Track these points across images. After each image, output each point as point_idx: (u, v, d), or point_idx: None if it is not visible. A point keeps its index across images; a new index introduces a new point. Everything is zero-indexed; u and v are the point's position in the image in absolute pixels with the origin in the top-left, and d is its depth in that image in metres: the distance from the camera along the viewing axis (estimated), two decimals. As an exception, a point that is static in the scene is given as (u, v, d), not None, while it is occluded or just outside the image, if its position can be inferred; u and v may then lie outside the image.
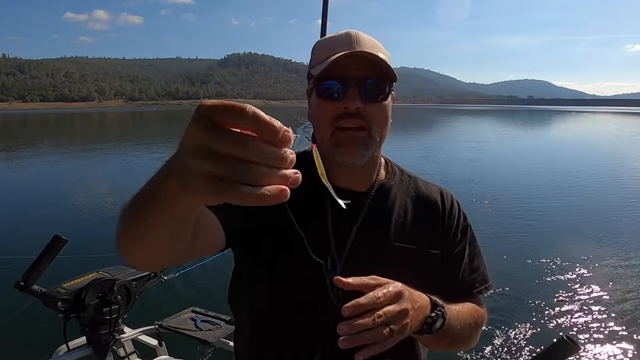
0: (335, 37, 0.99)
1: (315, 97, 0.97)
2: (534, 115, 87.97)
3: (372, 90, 0.93)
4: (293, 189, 0.53)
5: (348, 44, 0.94)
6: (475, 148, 21.60)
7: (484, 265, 1.12)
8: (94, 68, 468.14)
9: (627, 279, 5.74)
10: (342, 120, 0.93)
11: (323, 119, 0.96)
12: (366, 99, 0.92)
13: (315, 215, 1.02)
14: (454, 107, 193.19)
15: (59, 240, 1.92)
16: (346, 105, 0.91)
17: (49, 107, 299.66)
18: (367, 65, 0.92)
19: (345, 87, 0.92)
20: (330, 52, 0.92)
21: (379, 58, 0.91)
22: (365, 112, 0.92)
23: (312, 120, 1.02)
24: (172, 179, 0.50)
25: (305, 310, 0.99)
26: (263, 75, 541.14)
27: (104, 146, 25.76)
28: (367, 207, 1.03)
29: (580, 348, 0.95)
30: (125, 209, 0.68)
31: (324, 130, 0.96)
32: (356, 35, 0.96)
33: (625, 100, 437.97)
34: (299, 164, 1.13)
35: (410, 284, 0.96)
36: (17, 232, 7.60)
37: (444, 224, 1.08)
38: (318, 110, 0.97)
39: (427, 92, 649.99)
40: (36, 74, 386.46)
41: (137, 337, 2.16)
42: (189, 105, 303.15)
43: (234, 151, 0.41)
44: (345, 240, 1.00)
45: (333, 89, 0.93)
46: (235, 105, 0.41)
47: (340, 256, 0.99)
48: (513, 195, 10.70)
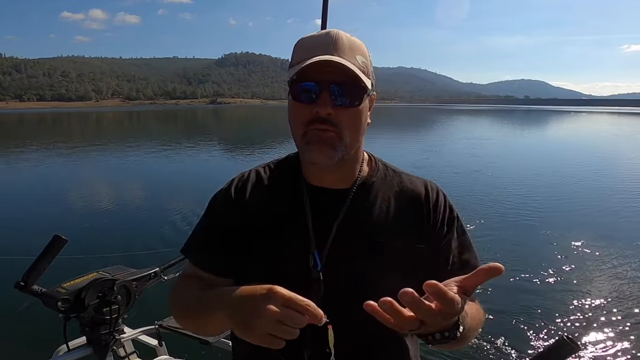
0: (314, 38, 0.97)
1: (290, 98, 0.98)
2: (531, 115, 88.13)
3: (344, 95, 0.92)
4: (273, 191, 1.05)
5: (325, 46, 0.92)
6: (476, 145, 21.65)
7: (475, 258, 1.08)
8: (91, 67, 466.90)
9: (627, 278, 5.76)
10: (314, 125, 0.93)
11: (296, 121, 0.97)
12: (339, 103, 0.92)
13: (296, 214, 1.03)
14: (452, 107, 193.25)
15: (59, 240, 1.91)
16: (317, 110, 0.92)
17: (46, 106, 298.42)
18: (341, 70, 0.90)
19: (318, 91, 0.92)
20: (306, 55, 0.92)
21: (348, 68, 0.90)
22: (336, 118, 0.92)
23: (290, 126, 1.01)
24: (231, 320, 0.81)
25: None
26: (260, 75, 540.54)
27: (104, 146, 25.72)
28: (349, 203, 1.03)
29: (580, 348, 0.95)
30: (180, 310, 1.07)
31: (297, 132, 0.97)
32: (336, 36, 0.94)
33: (622, 100, 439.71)
34: (280, 167, 1.16)
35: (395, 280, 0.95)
36: (17, 232, 7.58)
37: (429, 218, 1.05)
38: (292, 112, 0.98)
39: (424, 92, 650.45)
40: (33, 73, 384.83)
41: (137, 337, 2.15)
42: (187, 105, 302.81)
43: (294, 325, 0.71)
44: (326, 237, 1.00)
45: (305, 92, 0.93)
46: (302, 300, 0.72)
47: (322, 253, 0.98)
48: (513, 194, 10.72)
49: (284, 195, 1.06)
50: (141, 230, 7.87)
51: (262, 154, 20.31)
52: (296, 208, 1.03)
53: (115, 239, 7.14)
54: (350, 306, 0.97)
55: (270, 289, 0.74)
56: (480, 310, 1.04)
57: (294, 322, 0.70)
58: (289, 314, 0.71)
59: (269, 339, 0.72)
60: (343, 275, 0.98)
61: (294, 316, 0.70)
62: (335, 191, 1.04)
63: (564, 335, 0.93)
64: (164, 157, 19.23)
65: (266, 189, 1.08)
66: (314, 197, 1.03)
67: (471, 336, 0.94)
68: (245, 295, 0.78)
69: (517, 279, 5.61)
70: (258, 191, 1.08)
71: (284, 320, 0.70)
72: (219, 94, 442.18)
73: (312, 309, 0.71)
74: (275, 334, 0.71)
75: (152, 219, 8.54)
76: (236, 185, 1.10)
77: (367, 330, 0.98)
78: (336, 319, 0.98)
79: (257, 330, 0.72)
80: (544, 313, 4.80)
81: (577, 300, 5.11)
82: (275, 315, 0.71)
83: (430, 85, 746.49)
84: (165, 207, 9.29)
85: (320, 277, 0.96)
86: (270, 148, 23.26)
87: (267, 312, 0.71)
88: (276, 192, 1.08)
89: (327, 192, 1.04)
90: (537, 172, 14.28)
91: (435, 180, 1.14)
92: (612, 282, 5.63)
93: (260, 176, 1.11)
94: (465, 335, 0.85)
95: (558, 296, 5.22)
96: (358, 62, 0.93)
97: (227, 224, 1.06)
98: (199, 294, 0.97)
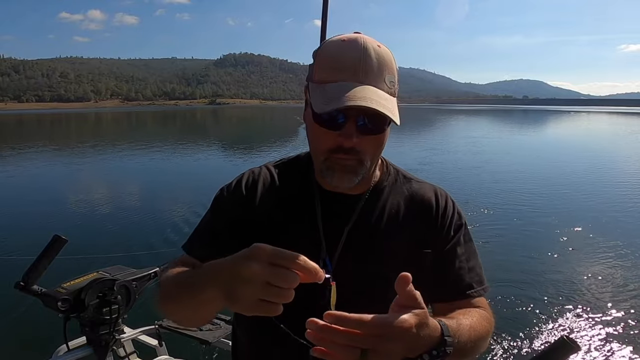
0: (342, 51, 0.90)
1: (311, 118, 0.94)
2: (529, 115, 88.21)
3: (370, 126, 0.90)
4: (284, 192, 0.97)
5: (354, 70, 0.88)
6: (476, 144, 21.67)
7: (480, 267, 1.08)
8: (90, 68, 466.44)
9: (627, 278, 5.76)
10: (337, 154, 0.91)
11: (318, 145, 0.95)
12: (364, 131, 0.90)
13: (307, 217, 1.02)
14: (450, 107, 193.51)
15: (59, 240, 1.91)
16: (341, 142, 0.89)
17: (45, 107, 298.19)
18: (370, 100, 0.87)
19: (344, 119, 0.89)
20: (334, 75, 0.88)
21: (377, 110, 0.85)
22: (360, 146, 0.90)
23: (308, 138, 0.99)
24: (220, 292, 0.69)
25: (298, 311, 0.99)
26: (259, 75, 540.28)
27: (103, 146, 25.70)
28: (360, 208, 1.03)
29: (580, 348, 0.95)
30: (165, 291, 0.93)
31: (318, 155, 0.96)
32: (364, 53, 0.88)
33: (620, 100, 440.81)
34: (291, 168, 1.13)
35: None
36: (17, 232, 7.58)
37: (437, 224, 1.05)
38: (313, 135, 0.96)
39: (423, 92, 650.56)
40: (31, 74, 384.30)
41: (137, 337, 2.16)
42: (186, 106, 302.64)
43: (284, 284, 0.62)
44: (337, 242, 1.00)
45: (331, 118, 0.90)
46: (289, 254, 0.64)
47: (332, 258, 0.98)
48: (513, 193, 10.73)
49: (295, 197, 1.06)
50: (141, 230, 7.86)
51: (261, 153, 20.32)
52: (307, 211, 1.03)
53: (115, 239, 7.13)
54: (359, 312, 0.99)
55: (252, 247, 0.66)
56: (485, 318, 0.99)
57: (284, 281, 0.62)
58: (276, 272, 0.62)
59: (262, 306, 0.64)
60: (352, 281, 0.97)
61: (281, 274, 0.62)
62: (347, 196, 1.03)
63: (564, 335, 0.93)
64: (164, 157, 19.22)
65: (277, 189, 1.07)
66: (326, 201, 1.03)
67: (475, 348, 0.90)
68: (228, 261, 0.69)
69: (516, 279, 5.61)
70: (269, 190, 1.07)
71: (272, 280, 0.62)
72: (218, 95, 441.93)
73: (303, 263, 0.63)
74: (266, 298, 0.63)
75: (152, 219, 8.52)
76: (246, 182, 1.08)
77: None
78: None
79: (245, 298, 0.64)
80: (544, 313, 4.80)
81: (577, 300, 5.11)
82: (259, 276, 0.62)
83: (429, 85, 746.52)
84: (165, 207, 9.29)
85: (330, 281, 0.97)
86: (269, 148, 23.28)
87: (251, 275, 0.62)
88: (287, 192, 1.07)
89: (340, 197, 1.03)
90: (536, 172, 14.30)
91: (437, 178, 1.14)
92: (613, 282, 5.63)
93: (271, 175, 1.10)
94: (464, 349, 0.83)
95: (558, 296, 5.22)
96: (387, 84, 0.90)
97: (235, 218, 1.04)
98: (189, 271, 0.90)
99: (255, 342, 1.09)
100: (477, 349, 0.91)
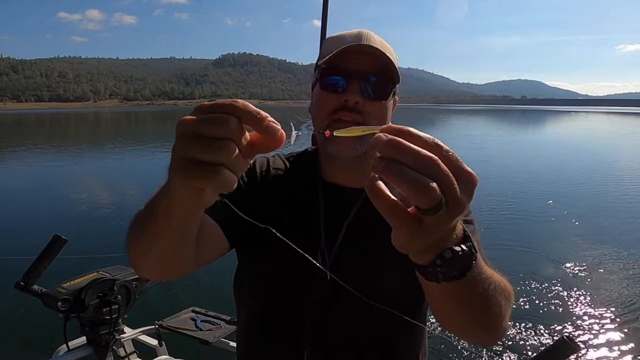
0: (346, 34, 0.99)
1: (317, 88, 0.98)
2: (527, 115, 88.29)
3: (374, 88, 0.93)
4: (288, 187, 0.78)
5: (358, 39, 0.94)
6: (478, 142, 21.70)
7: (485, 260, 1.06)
8: (88, 68, 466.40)
9: (628, 278, 5.75)
10: (340, 113, 0.93)
11: (321, 110, 0.96)
12: (367, 96, 0.92)
13: (309, 210, 1.02)
14: (449, 107, 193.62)
15: (59, 240, 1.91)
16: (346, 98, 0.92)
17: (44, 107, 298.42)
18: (373, 63, 0.92)
19: (348, 81, 0.92)
20: (339, 46, 0.93)
21: (386, 56, 0.91)
22: (364, 107, 0.93)
23: (312, 112, 1.02)
24: (168, 180, 0.54)
25: (296, 304, 1.00)
26: (258, 75, 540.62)
27: (103, 146, 25.66)
28: (360, 203, 1.02)
29: (580, 348, 0.95)
30: (131, 225, 0.73)
31: (320, 122, 0.97)
32: (367, 34, 0.96)
33: (618, 100, 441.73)
34: (299, 160, 1.13)
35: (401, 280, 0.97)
36: (17, 232, 7.55)
37: None
38: (318, 101, 0.97)
39: (422, 92, 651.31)
40: (30, 74, 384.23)
41: (137, 337, 2.16)
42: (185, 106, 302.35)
43: (217, 131, 0.45)
44: (336, 236, 0.99)
45: (336, 83, 0.94)
46: (219, 101, 0.47)
47: (331, 252, 0.99)
48: (513, 193, 10.72)
49: (299, 189, 1.06)
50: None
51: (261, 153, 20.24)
52: (310, 203, 1.03)
53: (115, 239, 7.10)
54: (356, 305, 0.98)
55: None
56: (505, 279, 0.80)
57: (213, 124, 0.45)
58: (205, 117, 0.46)
59: (197, 168, 0.45)
60: (350, 274, 0.96)
61: (211, 117, 0.45)
62: (349, 190, 1.03)
63: (564, 335, 0.93)
64: (163, 156, 19.18)
65: (284, 180, 1.07)
66: (328, 195, 1.03)
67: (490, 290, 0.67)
68: None
69: (516, 279, 5.61)
70: (277, 179, 1.07)
71: (201, 129, 0.45)
72: (217, 95, 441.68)
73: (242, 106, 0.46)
74: (198, 156, 0.45)
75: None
76: (262, 166, 1.08)
77: (373, 328, 0.99)
78: (342, 317, 0.99)
79: (175, 160, 0.47)
80: (544, 313, 4.80)
81: (577, 301, 5.11)
82: (188, 126, 0.46)
83: (428, 85, 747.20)
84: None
85: (328, 275, 0.95)
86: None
87: (180, 128, 0.47)
88: (293, 184, 1.07)
89: (341, 190, 1.04)
90: (536, 171, 14.29)
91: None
92: (613, 282, 5.62)
93: (282, 165, 1.11)
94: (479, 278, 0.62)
95: (558, 296, 5.21)
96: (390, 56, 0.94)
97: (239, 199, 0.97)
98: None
99: (251, 340, 1.09)
100: (495, 300, 0.71)
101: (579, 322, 4.65)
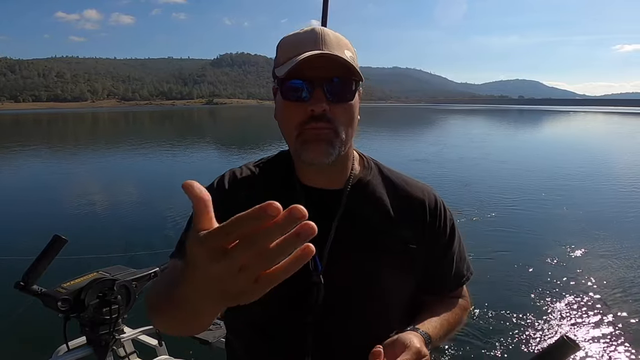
0: (300, 35, 0.94)
1: (280, 97, 0.94)
2: (524, 114, 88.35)
3: (338, 90, 0.90)
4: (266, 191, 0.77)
5: (313, 42, 0.90)
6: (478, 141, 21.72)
7: (468, 268, 1.15)
8: (86, 68, 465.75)
9: (628, 278, 5.75)
10: (309, 124, 0.90)
11: (289, 123, 0.93)
12: (332, 99, 0.90)
13: None
14: (447, 107, 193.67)
15: (59, 240, 1.91)
16: (312, 108, 0.89)
17: (42, 107, 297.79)
18: (333, 64, 0.89)
19: (311, 88, 0.89)
20: (295, 51, 0.89)
21: (343, 59, 0.88)
22: (331, 113, 0.90)
23: (278, 120, 0.99)
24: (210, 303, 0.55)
25: (290, 312, 0.98)
26: (256, 75, 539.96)
27: (102, 146, 25.62)
28: (345, 203, 1.01)
29: (580, 348, 0.96)
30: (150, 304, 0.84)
31: (290, 133, 0.94)
32: (322, 32, 0.92)
33: (615, 100, 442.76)
34: (273, 166, 1.12)
35: (393, 281, 1.00)
36: (17, 232, 7.55)
37: (425, 221, 1.05)
38: (284, 113, 0.94)
39: (420, 92, 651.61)
40: (28, 74, 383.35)
41: (137, 337, 2.15)
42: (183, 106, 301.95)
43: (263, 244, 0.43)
44: (325, 239, 0.97)
45: (298, 90, 0.90)
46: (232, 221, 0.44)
47: (322, 255, 0.97)
48: (513, 193, 10.72)
49: (278, 195, 1.04)
50: (141, 230, 7.82)
51: (261, 153, 20.22)
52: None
53: (115, 239, 7.11)
54: (351, 308, 0.98)
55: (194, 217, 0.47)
56: (463, 308, 1.15)
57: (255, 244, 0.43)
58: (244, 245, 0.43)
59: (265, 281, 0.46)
60: (342, 277, 0.97)
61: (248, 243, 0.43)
62: (330, 192, 1.02)
63: (564, 335, 0.93)
64: (163, 156, 19.16)
65: (259, 188, 1.03)
66: (309, 198, 1.00)
67: (449, 336, 1.06)
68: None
69: (516, 279, 5.61)
70: (251, 190, 1.03)
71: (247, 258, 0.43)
72: (215, 95, 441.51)
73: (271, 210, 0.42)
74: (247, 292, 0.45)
75: (152, 219, 8.48)
76: (227, 182, 1.05)
77: (368, 330, 0.99)
78: (337, 321, 0.98)
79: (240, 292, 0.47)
80: (544, 313, 4.79)
81: (577, 300, 5.10)
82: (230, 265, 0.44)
83: (425, 85, 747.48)
84: (165, 207, 9.23)
85: (321, 280, 0.94)
86: (268, 147, 23.23)
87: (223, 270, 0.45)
88: (269, 191, 1.04)
89: (322, 192, 1.01)
90: (536, 170, 14.30)
91: (439, 175, 1.15)
92: (613, 282, 5.61)
93: (253, 174, 1.08)
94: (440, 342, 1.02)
95: (558, 296, 5.21)
96: (347, 56, 0.90)
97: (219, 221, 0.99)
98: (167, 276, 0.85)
99: (249, 350, 1.06)
100: (451, 335, 1.07)
101: (579, 322, 4.65)
